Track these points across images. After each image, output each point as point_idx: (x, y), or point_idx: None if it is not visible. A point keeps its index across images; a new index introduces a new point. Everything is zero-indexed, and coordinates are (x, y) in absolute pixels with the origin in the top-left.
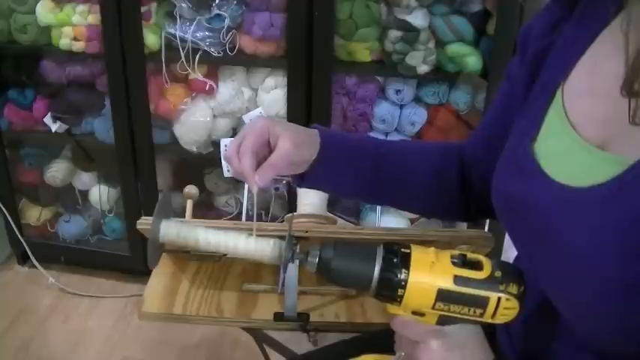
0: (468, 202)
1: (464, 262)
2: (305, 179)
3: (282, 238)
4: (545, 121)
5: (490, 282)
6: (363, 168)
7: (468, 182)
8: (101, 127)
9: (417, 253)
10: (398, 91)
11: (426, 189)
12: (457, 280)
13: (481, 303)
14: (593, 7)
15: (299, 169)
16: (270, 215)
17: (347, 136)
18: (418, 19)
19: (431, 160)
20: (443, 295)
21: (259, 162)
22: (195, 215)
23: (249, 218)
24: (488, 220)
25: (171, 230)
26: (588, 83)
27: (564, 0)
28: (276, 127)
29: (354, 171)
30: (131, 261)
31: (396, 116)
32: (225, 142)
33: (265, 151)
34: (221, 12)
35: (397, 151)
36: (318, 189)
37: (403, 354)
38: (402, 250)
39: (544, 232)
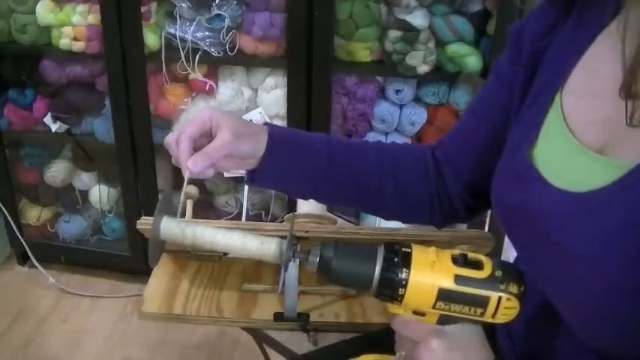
0: (434, 206)
1: (465, 262)
2: (254, 176)
3: (282, 237)
4: (543, 126)
5: (491, 281)
6: (314, 167)
7: (438, 184)
8: (101, 127)
9: (418, 253)
10: (398, 91)
11: (382, 192)
12: (458, 279)
13: (482, 302)
14: (591, 9)
15: (245, 164)
16: (270, 215)
17: (299, 135)
18: (418, 19)
19: (388, 161)
20: (444, 295)
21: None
22: (195, 215)
23: (250, 218)
24: (488, 220)
25: (172, 227)
26: (587, 86)
27: (561, 2)
28: (220, 119)
29: (303, 170)
30: (131, 261)
31: (396, 116)
32: None
33: (208, 141)
34: (221, 12)
35: (353, 154)
36: (269, 187)
37: (403, 354)
38: (403, 249)
39: (544, 237)
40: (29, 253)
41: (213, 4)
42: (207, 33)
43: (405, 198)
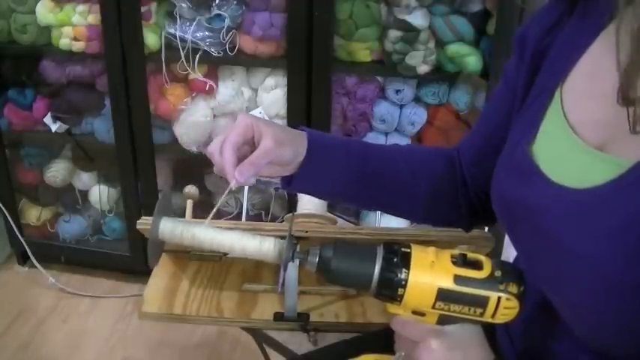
0: (462, 207)
1: (464, 262)
2: (292, 182)
3: (282, 238)
4: (543, 123)
5: (490, 281)
6: (351, 170)
7: (463, 186)
8: (101, 127)
9: (417, 253)
10: (398, 91)
11: (415, 193)
12: (457, 279)
13: (481, 302)
14: (592, 8)
15: (284, 170)
16: (270, 215)
17: (335, 139)
18: (418, 19)
19: (420, 164)
20: (443, 295)
21: (242, 159)
22: (195, 215)
23: (250, 218)
24: None
25: (171, 227)
26: (588, 85)
27: (563, 1)
28: (261, 126)
29: (340, 175)
30: (131, 261)
31: (396, 116)
32: None
33: (249, 148)
34: (221, 12)
35: (386, 155)
36: (305, 192)
37: (403, 354)
38: (402, 249)
39: (544, 234)
40: (29, 253)
41: (213, 4)
42: (207, 33)
43: (437, 200)
